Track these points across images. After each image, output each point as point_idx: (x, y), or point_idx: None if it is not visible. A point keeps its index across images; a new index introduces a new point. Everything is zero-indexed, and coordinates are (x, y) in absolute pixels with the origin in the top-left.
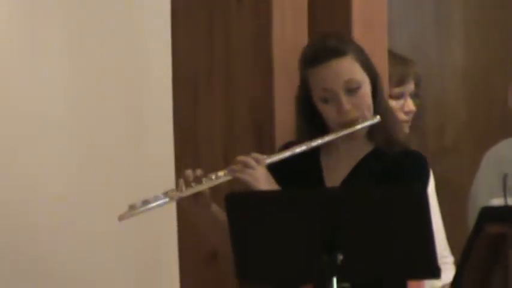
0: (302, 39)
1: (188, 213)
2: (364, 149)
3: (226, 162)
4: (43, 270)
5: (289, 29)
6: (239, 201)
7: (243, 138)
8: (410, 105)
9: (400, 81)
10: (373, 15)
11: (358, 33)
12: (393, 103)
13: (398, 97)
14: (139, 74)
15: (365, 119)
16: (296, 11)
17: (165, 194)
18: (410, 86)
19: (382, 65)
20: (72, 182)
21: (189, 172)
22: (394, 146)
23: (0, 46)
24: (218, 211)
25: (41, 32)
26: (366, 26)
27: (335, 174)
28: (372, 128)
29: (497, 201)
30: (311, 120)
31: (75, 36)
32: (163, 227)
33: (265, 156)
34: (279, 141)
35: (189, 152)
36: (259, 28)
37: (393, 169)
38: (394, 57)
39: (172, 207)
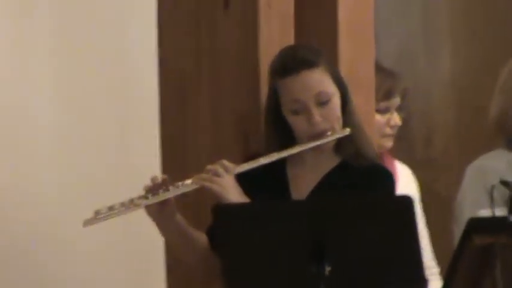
0: None
1: (153, 220)
2: (331, 161)
3: None
4: (27, 271)
5: (276, 39)
6: (226, 211)
7: (230, 148)
8: (396, 119)
9: (387, 96)
10: (359, 25)
11: (344, 42)
12: (379, 117)
13: (384, 111)
14: (126, 83)
15: (334, 131)
16: (283, 21)
17: (131, 201)
18: (397, 100)
19: (369, 75)
20: (54, 191)
21: (155, 178)
22: (362, 160)
23: None
24: (183, 222)
25: (27, 37)
26: (352, 36)
27: (301, 186)
28: (340, 141)
29: (484, 212)
30: (280, 132)
31: (62, 40)
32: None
33: (234, 165)
34: None
35: (175, 162)
36: (246, 37)
37: (360, 183)
38: (381, 70)
39: None
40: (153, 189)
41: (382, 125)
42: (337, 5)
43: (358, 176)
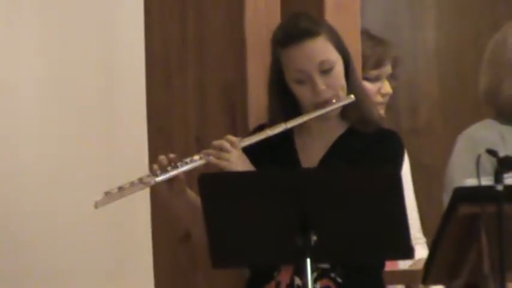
0: (275, 20)
1: (162, 199)
2: (338, 128)
3: (199, 145)
4: (18, 261)
5: (262, 11)
6: (212, 182)
7: (216, 120)
8: (387, 87)
9: (378, 64)
10: None
11: (330, 13)
12: (370, 85)
13: (375, 80)
14: (112, 57)
15: (339, 99)
16: None
17: (140, 180)
18: (387, 69)
19: (355, 45)
20: (45, 165)
21: (162, 157)
22: (369, 125)
23: None
24: (193, 196)
25: (12, 18)
26: (338, 6)
27: (311, 154)
28: (345, 107)
29: (470, 182)
30: (284, 101)
31: (47, 21)
32: (136, 208)
33: (239, 139)
34: (253, 124)
35: (162, 134)
36: (232, 10)
37: (370, 149)
38: (372, 39)
39: (146, 189)
40: (161, 167)
41: (372, 93)
42: None
43: (368, 142)
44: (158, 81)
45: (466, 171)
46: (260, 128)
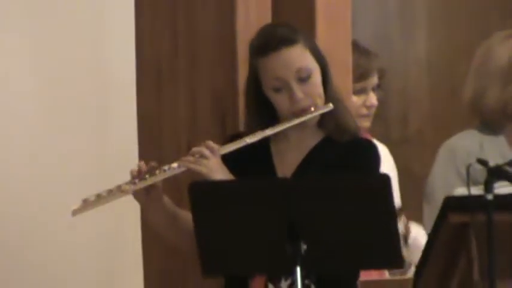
0: None
1: (141, 206)
2: (315, 137)
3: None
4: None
5: (253, 19)
6: (202, 190)
7: (207, 128)
8: (372, 99)
9: (362, 77)
10: (337, 7)
11: (321, 25)
12: (355, 98)
13: (360, 92)
14: (102, 63)
15: (317, 107)
16: (260, 1)
17: (119, 188)
18: (373, 80)
19: (346, 57)
20: (34, 170)
21: (141, 164)
22: (345, 134)
23: None
24: (169, 204)
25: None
26: (329, 18)
27: (286, 162)
28: (323, 116)
29: (460, 191)
30: (261, 110)
31: (36, 21)
32: (126, 218)
33: (219, 146)
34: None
35: (152, 142)
36: (223, 18)
37: (344, 158)
38: (358, 50)
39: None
40: (139, 174)
41: (358, 105)
42: None
43: (343, 151)
44: (149, 89)
45: (445, 181)
46: (236, 137)
